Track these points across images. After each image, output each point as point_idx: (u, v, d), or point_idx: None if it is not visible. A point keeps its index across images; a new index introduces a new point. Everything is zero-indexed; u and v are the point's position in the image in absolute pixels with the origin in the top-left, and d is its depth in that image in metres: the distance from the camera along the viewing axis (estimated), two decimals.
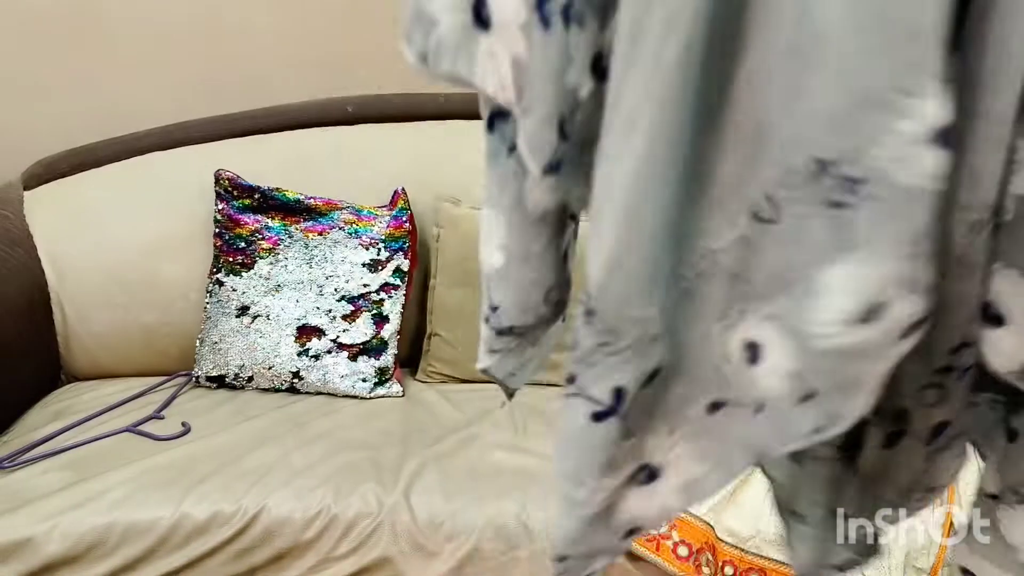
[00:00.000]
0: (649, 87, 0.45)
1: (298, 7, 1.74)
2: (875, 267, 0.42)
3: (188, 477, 1.21)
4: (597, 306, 0.50)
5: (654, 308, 0.50)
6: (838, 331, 0.43)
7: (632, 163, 0.46)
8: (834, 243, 0.43)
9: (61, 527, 1.12)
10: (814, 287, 0.44)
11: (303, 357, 1.49)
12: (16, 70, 1.70)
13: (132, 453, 1.29)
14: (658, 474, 0.55)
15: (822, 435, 0.47)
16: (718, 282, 0.48)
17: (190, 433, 1.35)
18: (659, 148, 0.46)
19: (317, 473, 1.22)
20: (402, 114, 1.71)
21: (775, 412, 0.48)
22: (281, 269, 1.54)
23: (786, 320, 0.46)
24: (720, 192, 0.47)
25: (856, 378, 0.45)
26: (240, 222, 1.55)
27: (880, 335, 0.43)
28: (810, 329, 0.44)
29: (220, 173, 1.55)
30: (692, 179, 0.47)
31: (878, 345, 0.44)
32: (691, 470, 0.55)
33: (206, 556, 1.14)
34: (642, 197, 0.47)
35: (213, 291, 1.55)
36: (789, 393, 0.47)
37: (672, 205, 0.47)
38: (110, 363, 1.61)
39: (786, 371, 0.46)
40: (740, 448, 0.52)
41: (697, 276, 0.49)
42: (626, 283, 0.49)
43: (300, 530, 1.15)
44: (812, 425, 0.47)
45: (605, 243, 0.49)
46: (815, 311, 0.44)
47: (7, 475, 1.24)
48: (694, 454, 0.54)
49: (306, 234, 1.56)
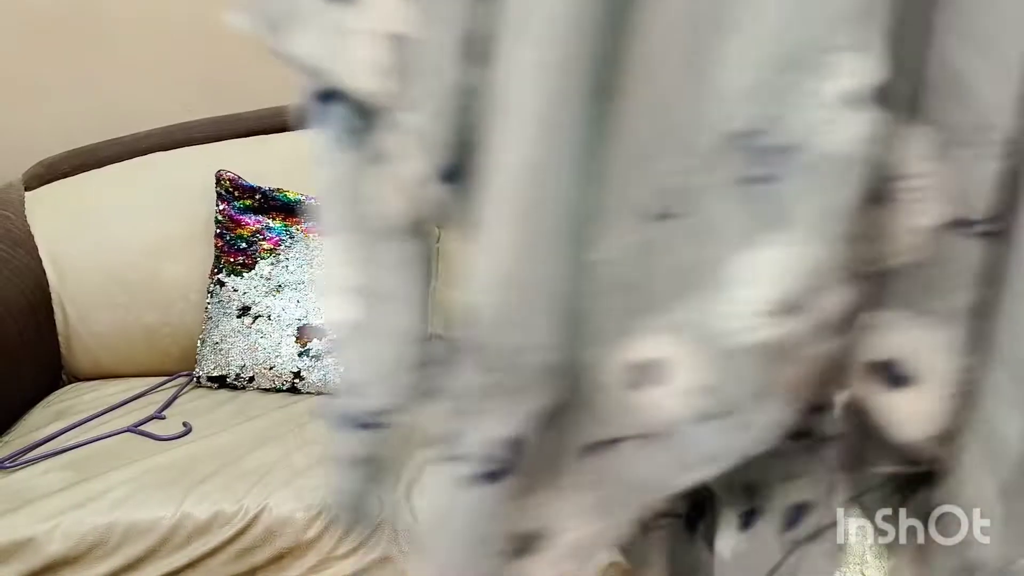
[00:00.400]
0: (537, 69, 0.37)
1: None
2: (803, 248, 0.36)
3: (189, 477, 1.21)
4: (485, 338, 0.42)
5: (553, 332, 0.41)
6: (757, 325, 0.37)
7: (524, 153, 0.39)
8: (753, 225, 0.37)
9: (62, 527, 1.12)
10: (728, 279, 0.37)
11: (304, 357, 1.49)
12: (17, 70, 1.70)
13: (133, 453, 1.29)
14: (546, 540, 0.46)
15: (729, 457, 0.40)
16: (616, 297, 0.41)
17: (192, 433, 1.35)
18: (552, 137, 0.38)
19: (318, 473, 1.21)
20: None
21: (676, 437, 0.41)
22: (282, 270, 1.54)
23: (692, 326, 0.39)
24: (618, 191, 0.40)
25: (773, 382, 0.39)
26: (241, 223, 1.56)
27: (807, 328, 0.37)
28: (723, 327, 0.38)
29: (221, 174, 1.55)
30: (588, 177, 0.39)
31: (803, 340, 0.38)
32: (582, 529, 0.46)
33: (207, 556, 1.14)
34: (538, 195, 0.39)
35: (214, 291, 1.55)
36: (693, 412, 0.40)
37: (569, 207, 0.40)
38: (111, 363, 1.61)
39: (690, 387, 0.40)
40: (635, 489, 0.44)
41: (595, 291, 0.41)
42: (521, 304, 0.42)
43: (301, 530, 1.15)
44: (719, 444, 0.40)
45: (496, 256, 0.42)
46: (729, 305, 0.38)
47: (8, 475, 1.24)
48: (585, 507, 0.45)
49: (307, 235, 1.56)
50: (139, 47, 1.73)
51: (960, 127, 0.36)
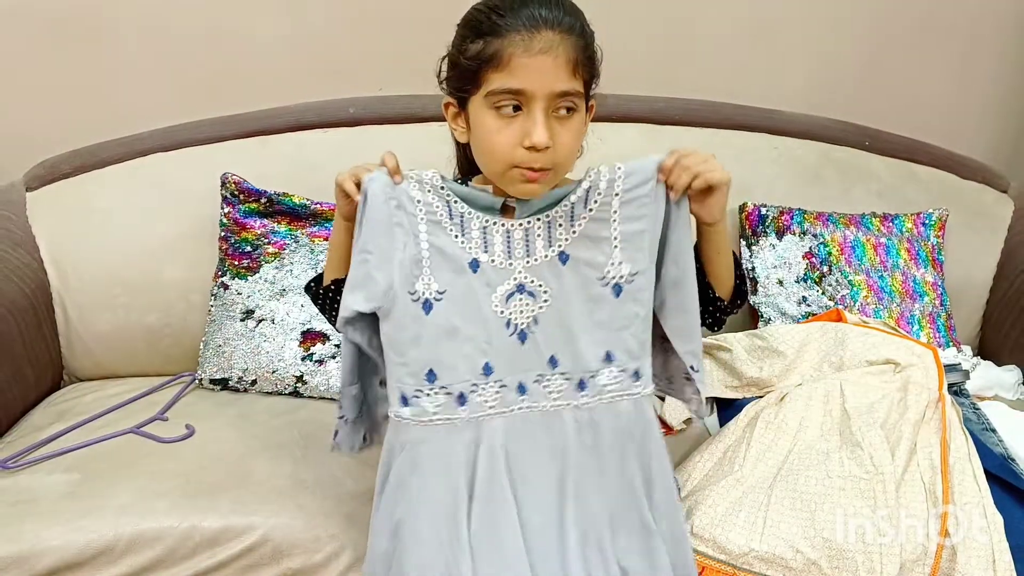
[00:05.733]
0: None
1: (300, 9, 1.74)
2: None
3: (196, 486, 1.21)
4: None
5: None
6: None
7: None
8: None
9: (67, 533, 1.12)
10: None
11: (307, 362, 1.50)
12: (18, 71, 1.69)
13: (137, 456, 1.29)
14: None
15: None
16: None
17: (197, 437, 1.35)
18: None
19: (328, 494, 1.21)
20: (404, 116, 1.71)
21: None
22: (286, 274, 1.54)
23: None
24: None
25: None
26: (246, 226, 1.55)
27: None
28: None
29: (226, 177, 1.55)
30: None
31: None
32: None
33: (213, 570, 1.14)
34: None
35: (218, 294, 1.55)
36: None
37: None
38: (112, 364, 1.61)
39: None
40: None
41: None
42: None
43: (310, 552, 1.15)
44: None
45: None
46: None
47: (11, 476, 1.24)
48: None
49: (312, 239, 1.56)
50: (140, 48, 1.72)
51: None
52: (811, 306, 1.66)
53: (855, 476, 1.16)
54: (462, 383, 0.98)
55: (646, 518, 1.01)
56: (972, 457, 1.21)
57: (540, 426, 1.00)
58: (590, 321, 0.99)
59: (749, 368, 1.43)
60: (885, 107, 1.96)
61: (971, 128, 2.06)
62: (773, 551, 1.09)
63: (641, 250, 0.97)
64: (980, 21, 1.96)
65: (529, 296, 0.97)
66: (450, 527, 0.96)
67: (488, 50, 0.90)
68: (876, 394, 1.31)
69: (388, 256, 0.94)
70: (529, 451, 0.99)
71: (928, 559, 1.09)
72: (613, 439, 1.01)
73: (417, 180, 0.96)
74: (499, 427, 0.98)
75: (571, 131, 0.94)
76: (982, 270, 1.83)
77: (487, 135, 0.94)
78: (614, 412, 1.01)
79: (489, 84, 0.91)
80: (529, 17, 0.89)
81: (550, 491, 0.98)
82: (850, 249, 1.71)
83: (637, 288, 0.98)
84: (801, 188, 1.78)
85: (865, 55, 1.96)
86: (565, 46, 0.90)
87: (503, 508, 0.96)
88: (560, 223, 0.98)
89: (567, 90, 0.91)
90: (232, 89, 1.74)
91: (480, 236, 0.97)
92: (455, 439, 0.98)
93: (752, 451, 1.23)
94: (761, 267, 1.69)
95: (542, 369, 0.99)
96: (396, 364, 0.97)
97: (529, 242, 0.98)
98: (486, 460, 0.97)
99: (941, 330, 1.72)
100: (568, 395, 1.00)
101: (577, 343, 0.99)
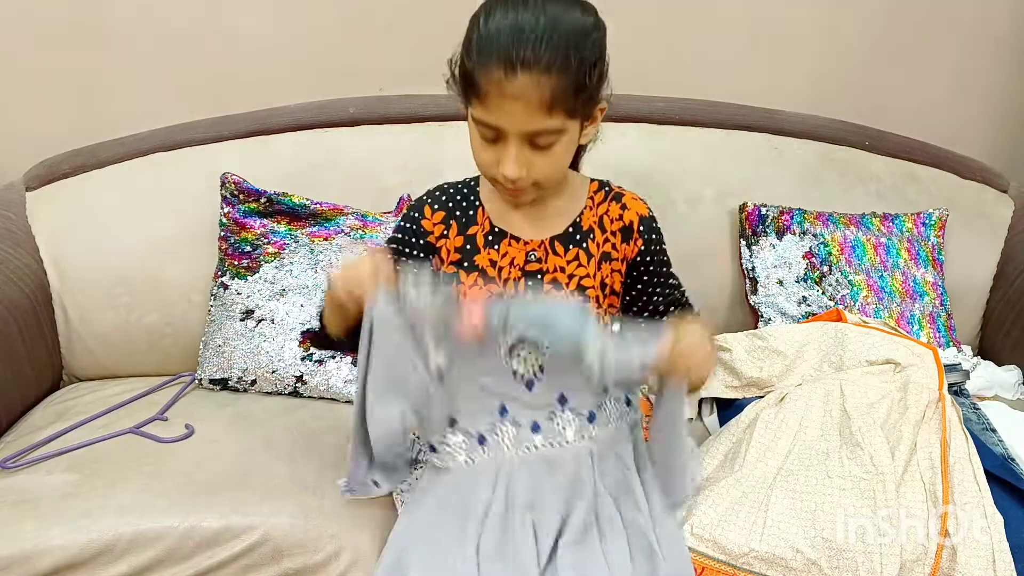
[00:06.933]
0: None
1: (300, 9, 1.74)
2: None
3: (196, 486, 1.21)
4: None
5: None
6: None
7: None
8: None
9: (67, 533, 1.11)
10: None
11: (307, 362, 1.49)
12: (18, 71, 1.70)
13: (138, 456, 1.29)
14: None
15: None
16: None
17: (197, 437, 1.35)
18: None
19: (328, 494, 1.20)
20: (403, 116, 1.71)
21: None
22: (286, 274, 1.54)
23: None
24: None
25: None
26: (246, 226, 1.55)
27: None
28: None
29: (226, 177, 1.55)
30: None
31: None
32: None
33: (213, 570, 1.13)
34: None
35: (217, 294, 1.55)
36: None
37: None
38: (112, 364, 1.61)
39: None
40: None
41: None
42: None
43: (310, 552, 1.15)
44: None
45: None
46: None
47: (11, 476, 1.24)
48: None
49: (312, 239, 1.56)
50: (140, 48, 1.72)
51: None
52: (811, 306, 1.66)
53: (855, 476, 1.16)
54: (482, 425, 1.04)
55: (645, 519, 1.02)
56: (972, 457, 1.21)
57: (556, 461, 1.04)
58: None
59: (749, 368, 1.43)
60: (885, 107, 1.96)
61: (971, 128, 2.06)
62: (773, 551, 1.09)
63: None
64: (980, 21, 1.96)
65: (532, 345, 1.00)
66: (457, 549, 0.98)
67: (471, 77, 0.93)
68: (876, 394, 1.31)
69: (403, 378, 1.00)
70: (547, 484, 1.03)
71: (928, 559, 1.09)
72: (614, 453, 1.07)
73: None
74: (517, 463, 1.03)
75: (550, 157, 0.97)
76: (982, 270, 1.83)
77: (475, 149, 1.00)
78: (619, 435, 1.09)
79: (473, 108, 0.96)
80: (507, 58, 0.89)
81: (559, 513, 1.01)
82: (850, 249, 1.71)
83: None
84: (801, 188, 1.79)
85: (865, 55, 1.96)
86: (541, 89, 0.90)
87: (519, 534, 0.99)
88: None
89: (540, 129, 0.93)
90: (232, 89, 1.75)
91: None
92: (476, 472, 1.04)
93: (752, 451, 1.23)
94: (761, 267, 1.69)
95: (553, 407, 1.04)
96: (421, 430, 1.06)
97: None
98: (503, 492, 1.02)
99: (941, 330, 1.72)
100: (581, 428, 1.05)
101: (580, 383, 1.03)
